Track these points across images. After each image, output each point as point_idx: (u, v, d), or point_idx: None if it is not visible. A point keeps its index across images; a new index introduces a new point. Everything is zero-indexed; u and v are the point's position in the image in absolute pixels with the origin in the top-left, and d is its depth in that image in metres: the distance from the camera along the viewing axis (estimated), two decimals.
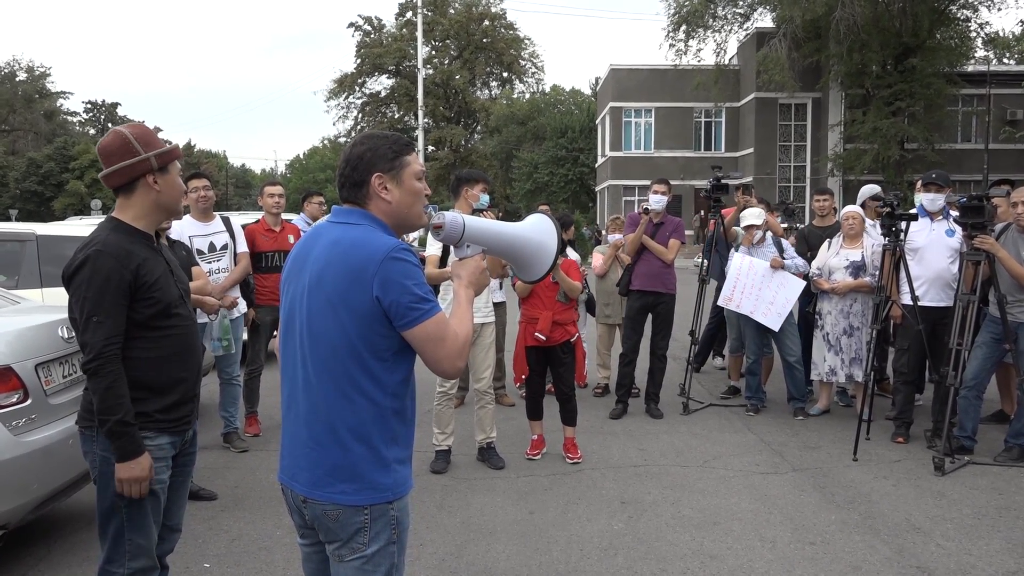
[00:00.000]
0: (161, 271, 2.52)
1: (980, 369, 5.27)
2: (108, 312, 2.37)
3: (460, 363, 2.01)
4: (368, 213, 2.02)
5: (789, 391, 6.51)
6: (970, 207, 5.04)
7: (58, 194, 53.01)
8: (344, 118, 55.27)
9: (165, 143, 2.56)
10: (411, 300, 1.89)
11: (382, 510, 1.97)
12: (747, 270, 6.44)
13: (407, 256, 1.92)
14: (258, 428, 5.90)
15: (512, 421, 6.18)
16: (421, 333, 1.92)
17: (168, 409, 2.51)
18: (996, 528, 4.09)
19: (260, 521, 4.23)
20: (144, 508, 2.46)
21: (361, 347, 1.92)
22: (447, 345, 1.94)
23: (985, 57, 30.87)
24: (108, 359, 2.36)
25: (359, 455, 1.94)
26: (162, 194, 2.52)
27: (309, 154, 73.23)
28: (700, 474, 4.99)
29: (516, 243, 2.20)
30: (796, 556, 3.77)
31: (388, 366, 1.95)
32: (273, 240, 5.93)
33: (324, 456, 1.96)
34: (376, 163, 2.00)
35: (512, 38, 51.26)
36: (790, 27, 26.14)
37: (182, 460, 2.67)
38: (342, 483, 1.95)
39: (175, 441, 2.57)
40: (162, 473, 2.51)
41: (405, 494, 2.03)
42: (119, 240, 2.44)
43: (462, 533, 4.02)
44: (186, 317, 2.60)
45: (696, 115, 33.48)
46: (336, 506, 1.95)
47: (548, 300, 5.14)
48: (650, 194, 6.47)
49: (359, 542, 1.97)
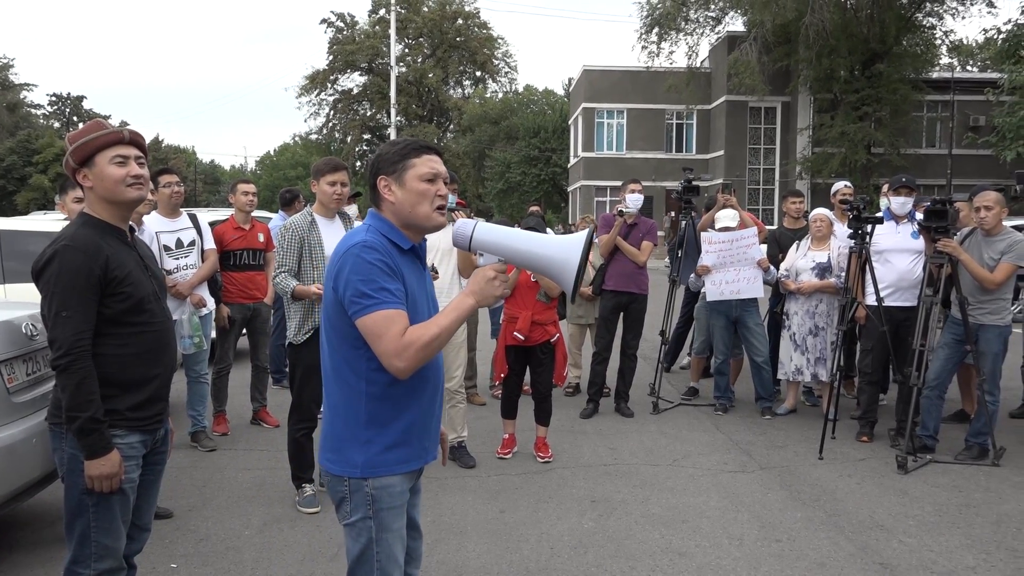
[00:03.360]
0: (133, 266, 2.48)
1: (942, 370, 5.38)
2: (77, 307, 2.33)
3: (398, 363, 2.03)
4: (379, 215, 2.20)
5: (757, 391, 6.60)
6: (934, 211, 5.15)
7: (21, 188, 51.88)
8: (316, 115, 54.93)
9: (103, 131, 2.47)
10: (353, 294, 2.05)
11: (358, 484, 2.16)
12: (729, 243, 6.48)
13: (363, 253, 2.07)
14: (226, 427, 5.84)
15: (483, 420, 6.19)
16: (361, 327, 2.06)
17: (139, 407, 2.48)
18: (956, 525, 4.19)
19: (228, 520, 4.19)
20: (112, 508, 2.43)
21: (334, 334, 2.15)
22: (383, 342, 2.03)
23: (949, 64, 31.57)
24: (78, 355, 2.33)
25: (339, 430, 2.18)
26: (95, 188, 2.47)
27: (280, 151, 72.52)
28: (669, 473, 5.04)
29: (535, 256, 2.13)
30: (763, 553, 3.83)
31: (361, 352, 2.11)
32: (243, 238, 5.88)
33: (325, 426, 2.25)
34: (381, 167, 2.18)
35: (485, 37, 51.29)
36: (760, 31, 26.49)
37: (154, 459, 2.63)
38: (329, 451, 2.21)
39: (146, 439, 2.54)
40: (132, 472, 2.48)
41: (384, 475, 2.16)
42: (88, 234, 2.41)
43: (432, 532, 4.02)
44: (159, 313, 2.55)
45: (668, 117, 33.75)
46: (326, 472, 2.23)
47: (528, 300, 5.12)
48: (626, 194, 6.49)
49: (344, 510, 2.21)
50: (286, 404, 4.53)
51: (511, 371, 5.30)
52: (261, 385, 6.14)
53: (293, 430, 4.38)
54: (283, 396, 6.50)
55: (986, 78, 28.16)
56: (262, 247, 5.98)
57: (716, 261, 6.44)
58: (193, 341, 5.09)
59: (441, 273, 4.82)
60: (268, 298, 5.99)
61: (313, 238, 4.30)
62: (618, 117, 34.13)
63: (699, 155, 33.12)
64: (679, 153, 33.59)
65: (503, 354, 5.30)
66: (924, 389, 5.26)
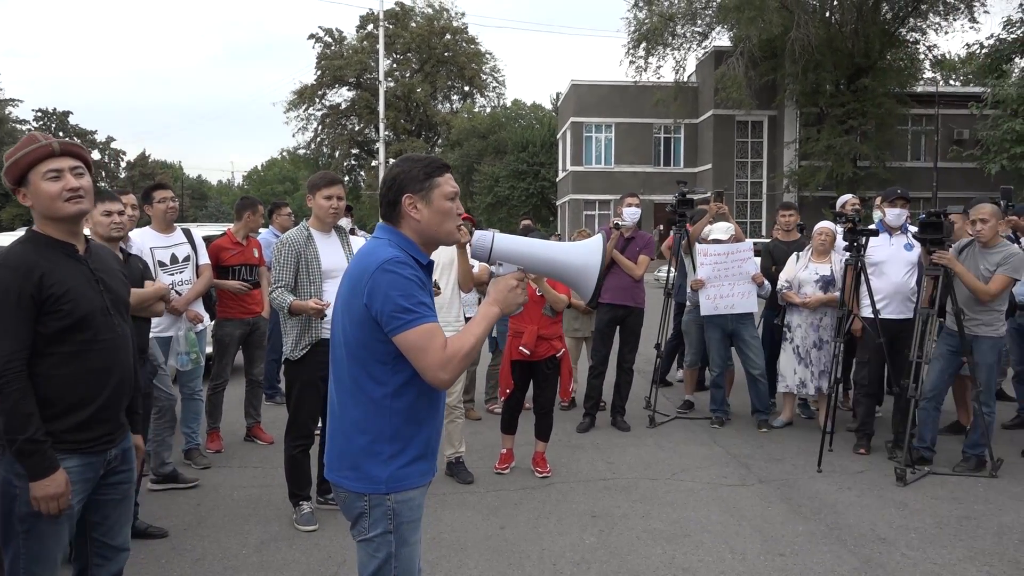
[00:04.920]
0: (79, 281, 2.36)
1: (938, 381, 5.39)
2: (7, 328, 2.24)
3: (443, 375, 2.07)
4: (395, 230, 2.20)
5: (753, 403, 6.59)
6: (929, 223, 5.18)
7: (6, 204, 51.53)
8: (304, 130, 54.89)
9: (32, 146, 2.35)
10: (393, 310, 2.04)
11: (379, 500, 2.16)
12: (724, 255, 6.48)
13: (398, 268, 2.07)
14: (220, 444, 5.77)
15: (480, 435, 6.14)
16: (403, 342, 2.06)
17: (79, 428, 2.36)
18: (958, 537, 4.18)
19: (225, 539, 4.12)
20: (44, 536, 2.31)
21: (361, 350, 2.12)
22: (428, 356, 2.04)
23: (933, 78, 31.93)
24: (11, 377, 2.23)
25: (359, 447, 2.16)
26: (35, 206, 2.38)
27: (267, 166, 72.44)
28: (669, 487, 5.02)
29: (554, 264, 2.16)
30: (767, 568, 3.80)
31: (389, 368, 2.11)
32: (240, 254, 5.89)
33: (337, 443, 2.21)
34: (407, 184, 2.17)
35: (473, 52, 51.45)
36: (747, 46, 26.70)
37: (115, 479, 2.52)
38: (346, 469, 2.18)
39: (92, 462, 2.42)
40: (72, 498, 2.34)
41: (406, 489, 2.17)
42: (25, 251, 2.33)
43: (434, 550, 3.97)
44: (108, 330, 2.42)
45: (656, 131, 33.92)
46: (342, 489, 2.20)
47: (534, 314, 5.05)
48: (623, 208, 6.49)
49: (362, 526, 2.19)
50: (279, 420, 4.48)
51: (515, 386, 5.25)
52: (256, 401, 6.09)
53: (290, 447, 4.32)
54: (275, 412, 6.45)
55: (970, 92, 28.49)
56: (257, 262, 5.99)
57: (711, 274, 6.44)
58: (190, 357, 5.03)
59: (442, 287, 4.80)
60: (265, 312, 5.97)
61: (310, 253, 4.26)
62: (606, 131, 34.28)
63: (687, 168, 33.27)
64: (667, 167, 33.74)
65: (508, 369, 5.23)
66: (920, 401, 5.27)
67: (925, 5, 26.92)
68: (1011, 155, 21.46)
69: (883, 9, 27.36)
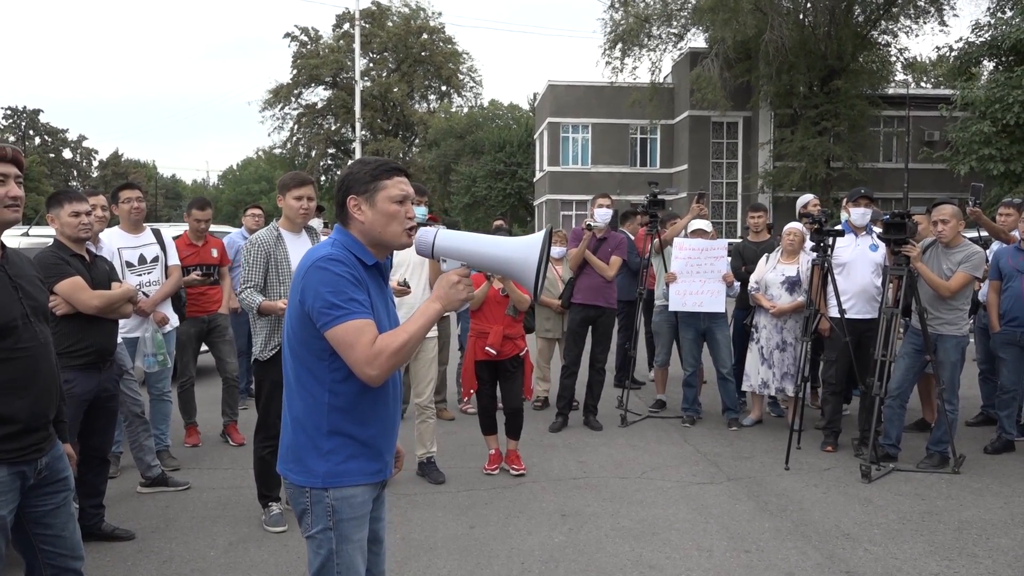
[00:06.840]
0: None
1: (903, 379, 5.49)
2: None
3: (370, 371, 2.07)
4: (345, 231, 2.23)
5: (723, 402, 6.66)
6: (893, 224, 5.28)
7: None
8: (279, 129, 54.59)
9: None
10: (322, 305, 2.07)
11: (319, 495, 2.17)
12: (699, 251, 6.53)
13: (330, 266, 2.10)
14: (198, 439, 5.91)
15: (452, 436, 6.16)
16: (332, 337, 2.08)
17: (6, 439, 2.31)
18: (920, 532, 4.26)
19: (193, 541, 4.10)
20: None
21: (300, 346, 2.17)
22: (356, 351, 2.05)
23: (904, 80, 32.37)
24: None
25: (301, 441, 2.19)
26: None
27: (243, 165, 71.79)
28: (639, 485, 5.06)
29: (495, 258, 2.18)
30: (732, 564, 3.85)
31: (325, 365, 2.14)
32: (195, 255, 5.92)
33: (286, 437, 2.25)
34: (352, 186, 2.21)
35: (450, 52, 51.35)
36: (722, 48, 26.91)
37: (48, 488, 2.49)
38: (291, 462, 2.22)
39: (23, 471, 2.38)
40: (1, 508, 2.31)
41: (345, 485, 2.18)
42: None
43: (402, 549, 3.98)
44: (30, 338, 2.38)
45: (632, 131, 34.07)
46: (288, 482, 2.24)
47: (498, 314, 5.13)
48: (595, 208, 6.53)
49: (306, 522, 2.22)
50: (253, 422, 4.46)
51: (483, 385, 5.28)
52: (232, 400, 6.10)
53: (259, 448, 4.31)
54: (250, 413, 6.42)
55: (940, 94, 28.92)
56: (215, 262, 6.02)
57: (683, 268, 6.49)
58: (157, 359, 5.00)
59: (412, 287, 4.81)
60: (224, 307, 6.03)
61: (279, 253, 4.26)
62: (583, 132, 34.38)
63: (663, 169, 33.48)
64: (643, 167, 33.92)
65: (472, 369, 5.28)
66: (886, 399, 5.36)
67: (896, 8, 27.31)
68: (980, 156, 21.78)
69: (855, 12, 27.71)
